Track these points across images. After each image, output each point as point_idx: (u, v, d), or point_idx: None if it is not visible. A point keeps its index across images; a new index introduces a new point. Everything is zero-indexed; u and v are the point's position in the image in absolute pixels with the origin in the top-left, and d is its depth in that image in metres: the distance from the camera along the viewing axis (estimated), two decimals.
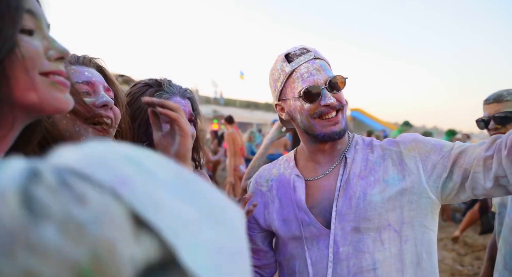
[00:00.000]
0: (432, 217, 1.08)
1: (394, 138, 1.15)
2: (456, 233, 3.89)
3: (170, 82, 1.26)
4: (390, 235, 1.04)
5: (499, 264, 1.64)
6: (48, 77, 0.58)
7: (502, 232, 1.63)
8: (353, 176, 1.09)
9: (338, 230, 1.06)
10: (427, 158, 1.05)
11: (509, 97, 1.55)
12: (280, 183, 1.22)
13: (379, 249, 1.04)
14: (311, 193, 1.15)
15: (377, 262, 1.03)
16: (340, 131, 1.10)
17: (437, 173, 1.03)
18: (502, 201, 1.67)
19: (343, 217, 1.06)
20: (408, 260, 1.05)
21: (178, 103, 1.22)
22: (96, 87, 0.92)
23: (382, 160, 1.10)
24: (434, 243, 1.10)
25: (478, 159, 0.95)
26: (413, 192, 1.04)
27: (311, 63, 1.10)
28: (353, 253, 1.04)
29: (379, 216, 1.03)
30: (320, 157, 1.17)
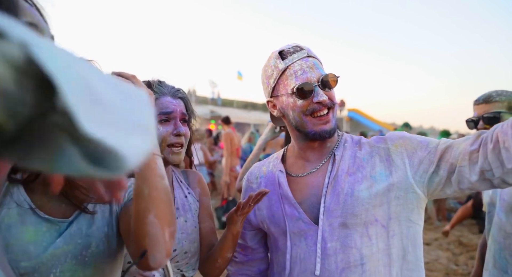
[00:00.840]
0: (418, 211, 1.11)
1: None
2: (446, 228, 3.93)
3: (160, 83, 1.29)
4: (378, 230, 1.07)
5: (488, 263, 1.66)
6: None
7: (491, 231, 1.65)
8: (341, 172, 1.11)
9: (326, 226, 1.08)
10: (413, 154, 1.07)
11: (498, 98, 1.58)
12: (267, 180, 1.25)
13: (367, 244, 1.06)
14: (299, 189, 1.17)
15: (364, 257, 1.05)
16: (330, 130, 1.12)
17: (424, 168, 1.05)
18: (491, 201, 1.69)
19: (331, 213, 1.08)
20: (395, 254, 1.07)
21: (169, 103, 1.24)
22: None
23: (370, 156, 1.12)
24: (419, 236, 1.13)
25: (464, 153, 0.97)
26: (400, 187, 1.06)
27: (305, 61, 1.12)
28: (340, 248, 1.07)
29: (366, 212, 1.06)
30: (309, 154, 1.20)
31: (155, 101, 1.23)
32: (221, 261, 1.25)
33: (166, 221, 0.81)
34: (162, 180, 0.83)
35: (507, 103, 1.55)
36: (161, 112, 1.22)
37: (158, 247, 0.79)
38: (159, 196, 0.81)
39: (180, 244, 1.25)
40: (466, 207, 4.64)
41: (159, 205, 0.81)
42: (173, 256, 1.23)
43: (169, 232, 0.81)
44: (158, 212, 0.80)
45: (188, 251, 1.27)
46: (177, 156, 1.25)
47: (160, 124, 1.23)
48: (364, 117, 27.89)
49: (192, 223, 1.31)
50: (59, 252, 0.87)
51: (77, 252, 0.89)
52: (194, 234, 1.30)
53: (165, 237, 0.80)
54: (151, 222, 0.79)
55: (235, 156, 6.43)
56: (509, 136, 0.87)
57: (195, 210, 1.35)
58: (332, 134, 1.14)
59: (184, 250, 1.26)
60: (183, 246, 1.25)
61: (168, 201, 0.83)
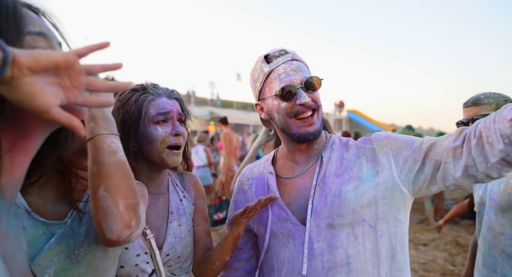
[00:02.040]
0: (404, 210, 1.13)
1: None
2: (440, 222, 3.96)
3: (155, 85, 1.31)
4: (365, 230, 1.08)
5: (478, 262, 1.69)
6: None
7: (481, 231, 1.68)
8: (329, 174, 1.14)
9: (313, 227, 1.10)
10: (398, 154, 1.10)
11: (486, 100, 1.61)
12: (258, 181, 1.28)
13: (353, 244, 1.08)
14: (288, 190, 1.19)
15: (350, 257, 1.07)
16: (315, 132, 1.15)
17: (409, 167, 1.08)
18: (481, 201, 1.72)
19: (318, 214, 1.10)
20: (383, 254, 1.09)
21: (165, 104, 1.25)
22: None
23: (357, 157, 1.14)
24: (406, 235, 1.15)
25: (448, 149, 1.00)
26: (386, 186, 1.09)
27: (289, 64, 1.16)
28: (327, 248, 1.08)
29: (352, 212, 1.07)
30: (297, 156, 1.22)
31: (152, 103, 1.24)
32: (219, 263, 1.26)
33: (119, 193, 0.82)
34: (112, 155, 0.84)
35: (495, 105, 1.58)
36: (158, 113, 1.23)
37: (112, 219, 0.80)
38: (108, 171, 0.82)
39: (173, 248, 1.25)
40: (462, 204, 4.68)
41: (110, 179, 0.82)
42: (166, 261, 1.23)
43: (124, 204, 0.82)
44: (108, 186, 0.82)
45: (181, 256, 1.27)
46: (176, 157, 1.25)
47: (158, 125, 1.23)
48: (363, 119, 27.92)
49: (186, 227, 1.31)
50: (53, 253, 0.88)
51: (70, 252, 0.90)
52: (187, 238, 1.30)
53: (119, 208, 0.81)
54: (102, 196, 0.81)
55: (233, 156, 6.48)
56: (492, 131, 0.89)
57: (189, 213, 1.35)
58: (316, 136, 1.16)
59: (177, 255, 1.26)
60: (176, 250, 1.25)
61: (121, 174, 0.84)
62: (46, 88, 0.51)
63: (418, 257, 5.01)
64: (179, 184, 1.41)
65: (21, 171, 0.63)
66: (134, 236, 0.86)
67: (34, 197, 0.91)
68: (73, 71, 0.54)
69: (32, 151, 0.63)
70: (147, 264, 1.18)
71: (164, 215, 1.29)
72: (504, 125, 0.86)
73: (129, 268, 1.16)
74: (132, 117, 1.22)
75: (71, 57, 0.54)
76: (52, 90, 0.52)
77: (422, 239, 5.80)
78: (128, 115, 1.22)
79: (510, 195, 1.52)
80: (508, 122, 0.85)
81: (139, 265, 1.17)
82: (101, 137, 0.84)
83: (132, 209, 0.84)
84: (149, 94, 1.26)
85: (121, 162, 0.85)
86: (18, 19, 0.63)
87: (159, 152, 1.22)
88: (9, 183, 0.62)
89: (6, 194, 0.62)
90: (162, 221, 1.28)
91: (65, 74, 0.54)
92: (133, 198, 0.85)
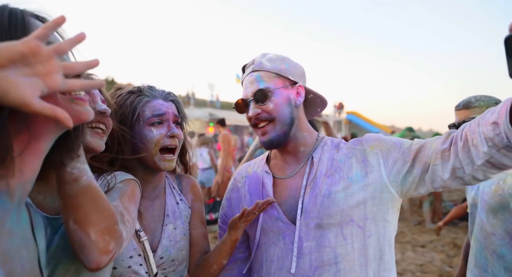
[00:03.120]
0: (392, 211, 1.15)
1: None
2: (439, 224, 3.98)
3: (151, 87, 1.32)
4: (353, 230, 1.10)
5: (470, 263, 1.71)
6: (66, 95, 0.65)
7: (474, 231, 1.71)
8: (319, 175, 1.16)
9: (303, 226, 1.13)
10: (388, 155, 1.12)
11: (477, 103, 1.64)
12: (251, 179, 1.31)
13: (341, 244, 1.10)
14: (279, 191, 1.22)
15: (338, 256, 1.09)
16: (267, 141, 1.19)
17: (398, 168, 1.10)
18: (473, 202, 1.74)
19: (308, 214, 1.13)
20: (371, 255, 1.11)
21: (160, 106, 1.26)
22: (95, 97, 1.03)
23: (347, 158, 1.17)
24: (393, 235, 1.18)
25: (436, 152, 1.02)
26: (375, 187, 1.11)
27: (249, 76, 1.22)
28: (315, 247, 1.11)
29: (341, 212, 1.10)
30: (286, 157, 1.26)
31: (147, 104, 1.25)
32: (216, 266, 1.26)
33: (89, 222, 0.81)
34: (75, 183, 0.82)
35: (486, 108, 1.60)
36: (153, 114, 1.23)
37: (86, 250, 0.80)
38: (73, 202, 0.81)
39: (167, 251, 1.25)
40: (461, 206, 4.67)
41: (76, 210, 0.81)
42: (159, 263, 1.23)
43: (96, 231, 0.81)
44: (76, 217, 0.81)
45: (175, 259, 1.27)
46: (168, 163, 1.25)
47: (153, 127, 1.23)
48: (363, 120, 27.95)
49: (182, 230, 1.31)
50: (55, 248, 0.89)
51: (69, 247, 0.90)
52: (182, 242, 1.30)
53: (91, 238, 0.80)
54: (72, 229, 0.81)
55: (231, 157, 6.52)
56: (476, 134, 0.92)
57: (186, 216, 1.35)
58: (274, 145, 1.20)
59: (172, 258, 1.26)
60: (170, 253, 1.25)
61: (87, 201, 0.82)
62: (19, 80, 0.50)
63: (416, 258, 5.03)
64: (176, 186, 1.40)
65: (31, 172, 0.64)
66: (118, 252, 0.86)
67: (34, 192, 0.91)
68: (41, 57, 0.52)
69: (43, 152, 0.65)
70: (140, 266, 1.18)
71: (160, 218, 1.30)
72: (487, 128, 0.89)
73: (122, 269, 1.16)
74: (127, 119, 1.23)
75: (33, 43, 0.52)
76: (28, 81, 0.51)
77: (420, 241, 5.82)
78: (124, 117, 1.23)
79: (501, 196, 1.54)
80: (490, 126, 0.88)
81: (132, 267, 1.17)
82: (61, 168, 0.82)
83: (107, 232, 0.83)
84: (145, 96, 1.27)
85: (84, 188, 0.83)
86: (27, 30, 0.64)
87: (151, 155, 1.23)
88: (19, 184, 0.63)
89: (15, 195, 0.63)
90: (158, 224, 1.28)
91: (35, 61, 0.52)
92: (106, 221, 0.83)
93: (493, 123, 0.87)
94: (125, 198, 1.01)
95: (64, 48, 0.56)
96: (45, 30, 0.55)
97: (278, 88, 1.18)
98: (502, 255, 1.53)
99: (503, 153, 0.87)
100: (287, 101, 1.19)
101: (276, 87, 1.18)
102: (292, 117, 1.19)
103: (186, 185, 1.43)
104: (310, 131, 1.26)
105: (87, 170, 0.86)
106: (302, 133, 1.23)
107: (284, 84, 1.20)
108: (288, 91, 1.20)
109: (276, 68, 1.20)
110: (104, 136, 1.03)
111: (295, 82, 1.21)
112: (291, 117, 1.19)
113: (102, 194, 0.87)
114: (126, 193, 1.03)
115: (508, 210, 1.51)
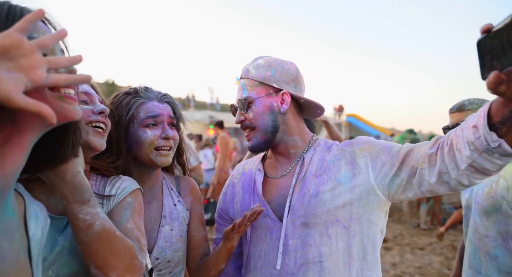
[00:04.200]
0: (378, 213, 1.16)
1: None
2: (441, 229, 3.98)
3: (146, 89, 1.34)
4: (338, 230, 1.12)
5: (465, 264, 1.73)
6: (56, 91, 0.65)
7: (468, 233, 1.72)
8: (309, 174, 1.19)
9: (289, 224, 1.16)
10: (376, 158, 1.13)
11: (470, 106, 1.66)
12: (246, 176, 1.35)
13: (326, 243, 1.12)
14: (270, 189, 1.26)
15: (323, 255, 1.12)
16: (250, 148, 1.26)
17: (385, 171, 1.11)
18: (467, 204, 1.76)
19: (294, 212, 1.15)
20: (355, 254, 1.13)
21: (155, 107, 1.28)
22: (93, 98, 1.06)
23: (337, 159, 1.19)
24: (378, 237, 1.19)
25: (424, 156, 1.04)
26: (362, 189, 1.12)
27: (239, 82, 1.29)
28: (300, 245, 1.13)
29: (327, 212, 1.12)
30: (278, 157, 1.29)
31: (142, 106, 1.27)
32: (215, 271, 1.28)
33: (109, 266, 0.84)
34: (89, 229, 0.85)
35: None
36: (147, 116, 1.25)
37: None
38: (90, 249, 0.84)
39: (163, 252, 1.26)
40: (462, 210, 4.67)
41: (95, 255, 0.84)
42: (155, 265, 1.24)
43: (116, 273, 0.85)
44: (96, 263, 0.84)
45: (171, 260, 1.28)
46: (165, 158, 1.27)
47: (148, 128, 1.25)
48: (363, 123, 27.94)
49: (178, 232, 1.32)
50: (59, 249, 0.90)
51: (73, 248, 0.92)
52: (178, 243, 1.31)
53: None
54: (94, 273, 0.85)
55: (229, 159, 6.56)
56: (460, 138, 0.93)
57: (183, 218, 1.36)
58: (253, 151, 1.27)
59: (167, 259, 1.27)
60: (166, 254, 1.26)
61: (104, 245, 0.85)
62: (2, 75, 0.48)
63: (415, 261, 5.04)
64: (175, 188, 1.41)
65: (13, 166, 0.63)
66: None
67: (36, 192, 0.93)
68: (24, 50, 0.51)
69: (26, 147, 0.64)
70: None
71: (157, 219, 1.31)
72: (468, 132, 0.89)
73: None
74: (123, 120, 1.25)
75: (14, 36, 0.51)
76: (10, 76, 0.49)
77: (419, 243, 5.83)
78: (120, 118, 1.25)
79: (493, 198, 1.56)
80: (471, 129, 0.88)
81: None
82: (74, 215, 0.85)
83: (128, 271, 0.87)
84: (140, 97, 1.29)
85: (99, 234, 0.85)
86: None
87: (147, 154, 1.25)
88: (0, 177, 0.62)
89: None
90: (154, 225, 1.30)
91: (17, 55, 0.51)
92: (125, 259, 0.87)
93: (473, 127, 0.88)
94: (136, 214, 1.04)
95: (46, 43, 0.56)
96: (26, 22, 0.54)
97: (260, 97, 1.21)
98: (495, 256, 1.55)
99: (485, 157, 0.88)
100: (269, 109, 1.21)
101: (257, 96, 1.22)
102: (274, 125, 1.22)
103: (185, 186, 1.44)
104: (302, 134, 1.28)
105: (99, 213, 0.88)
106: (291, 137, 1.25)
107: (267, 92, 1.22)
108: (271, 99, 1.22)
109: (260, 76, 1.22)
110: (104, 135, 1.05)
111: (280, 89, 1.22)
112: (273, 125, 1.22)
113: (117, 233, 0.89)
114: (136, 209, 1.06)
115: (501, 212, 1.53)
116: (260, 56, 1.28)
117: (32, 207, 0.77)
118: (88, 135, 0.99)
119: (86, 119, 0.99)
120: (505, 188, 1.53)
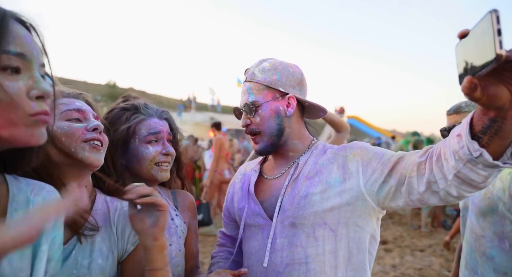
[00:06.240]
0: (367, 218, 1.16)
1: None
2: (446, 238, 3.98)
3: (146, 105, 1.34)
4: (325, 233, 1.13)
5: (462, 264, 1.74)
6: (33, 116, 0.64)
7: (465, 234, 1.74)
8: (301, 176, 1.20)
9: (278, 223, 1.18)
10: (368, 164, 1.13)
11: (467, 108, 1.67)
12: (245, 177, 1.39)
13: (312, 245, 1.13)
14: (264, 189, 1.29)
15: (309, 257, 1.13)
16: (257, 151, 1.28)
17: (375, 178, 1.10)
18: (464, 205, 1.78)
19: (284, 212, 1.17)
20: (341, 257, 1.14)
21: (156, 124, 1.29)
22: (87, 114, 1.02)
23: (329, 163, 1.19)
24: (364, 240, 1.18)
25: (413, 164, 1.02)
26: (351, 194, 1.12)
27: (243, 85, 1.29)
28: (287, 245, 1.15)
29: (315, 214, 1.13)
30: (276, 159, 1.32)
31: (143, 123, 1.27)
32: None
33: None
34: None
35: None
36: (149, 132, 1.26)
37: None
38: None
39: None
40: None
41: None
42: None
43: None
44: None
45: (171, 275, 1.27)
46: (165, 173, 1.28)
47: (149, 144, 1.26)
48: (364, 125, 27.94)
49: (177, 246, 1.31)
50: (55, 262, 0.85)
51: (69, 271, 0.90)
52: (177, 258, 1.30)
53: None
54: None
55: (224, 161, 6.59)
56: (447, 149, 0.90)
57: (181, 232, 1.35)
58: (261, 153, 1.29)
59: None
60: None
61: None
62: None
63: (415, 262, 5.04)
64: (172, 202, 1.41)
65: None
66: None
67: None
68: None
69: None
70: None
71: None
72: (453, 141, 0.87)
73: None
74: (121, 135, 1.24)
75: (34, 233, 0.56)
76: None
77: (419, 245, 5.83)
78: (117, 133, 1.24)
79: (490, 199, 1.57)
80: (456, 138, 0.86)
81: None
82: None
83: None
84: (141, 114, 1.29)
85: None
86: (1, 35, 0.62)
87: (148, 169, 1.25)
88: None
89: None
90: None
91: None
92: None
93: (458, 135, 0.85)
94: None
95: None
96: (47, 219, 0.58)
97: (267, 102, 1.22)
98: (491, 257, 1.56)
99: (469, 167, 0.84)
100: (275, 113, 1.22)
101: (264, 100, 1.22)
102: (280, 128, 1.23)
103: (183, 201, 1.44)
104: (303, 138, 1.30)
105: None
106: (292, 141, 1.27)
107: (273, 96, 1.22)
108: (277, 103, 1.23)
109: (266, 80, 1.22)
110: (101, 149, 1.00)
111: (286, 93, 1.23)
112: (279, 128, 1.23)
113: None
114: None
115: (497, 212, 1.55)
116: (264, 59, 1.28)
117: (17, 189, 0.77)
118: (84, 152, 0.96)
119: (82, 138, 0.96)
120: (501, 189, 1.54)
